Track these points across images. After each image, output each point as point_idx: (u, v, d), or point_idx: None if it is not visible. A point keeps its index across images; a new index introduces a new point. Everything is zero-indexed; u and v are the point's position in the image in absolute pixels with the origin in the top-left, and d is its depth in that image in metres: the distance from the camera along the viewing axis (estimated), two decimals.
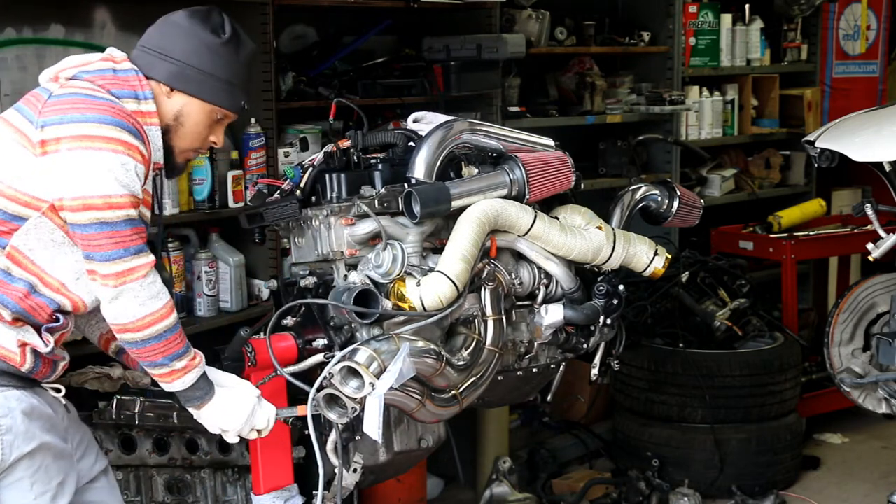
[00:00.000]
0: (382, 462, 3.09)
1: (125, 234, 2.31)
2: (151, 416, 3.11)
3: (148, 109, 2.46)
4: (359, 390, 2.60)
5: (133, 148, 2.34)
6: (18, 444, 2.34)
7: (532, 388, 3.34)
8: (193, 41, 2.48)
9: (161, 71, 2.48)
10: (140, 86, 2.46)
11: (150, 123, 2.46)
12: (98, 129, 2.31)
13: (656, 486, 4.40)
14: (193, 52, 2.48)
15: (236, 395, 2.55)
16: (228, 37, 2.51)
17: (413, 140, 3.00)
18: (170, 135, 2.52)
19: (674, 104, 5.25)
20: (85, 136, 2.31)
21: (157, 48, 2.49)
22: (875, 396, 4.32)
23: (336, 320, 2.77)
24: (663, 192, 3.38)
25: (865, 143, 3.96)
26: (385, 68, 4.35)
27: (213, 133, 2.59)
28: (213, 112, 2.54)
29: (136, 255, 2.31)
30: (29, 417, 2.36)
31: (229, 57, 2.52)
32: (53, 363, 2.44)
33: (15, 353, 2.34)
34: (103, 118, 2.33)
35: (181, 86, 2.49)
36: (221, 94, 2.52)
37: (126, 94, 2.43)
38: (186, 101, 2.51)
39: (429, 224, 2.90)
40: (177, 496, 3.21)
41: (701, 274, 4.97)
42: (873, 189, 5.86)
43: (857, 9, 6.55)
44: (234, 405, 2.54)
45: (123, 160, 2.31)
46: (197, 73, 2.49)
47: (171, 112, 2.51)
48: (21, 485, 2.36)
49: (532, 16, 4.75)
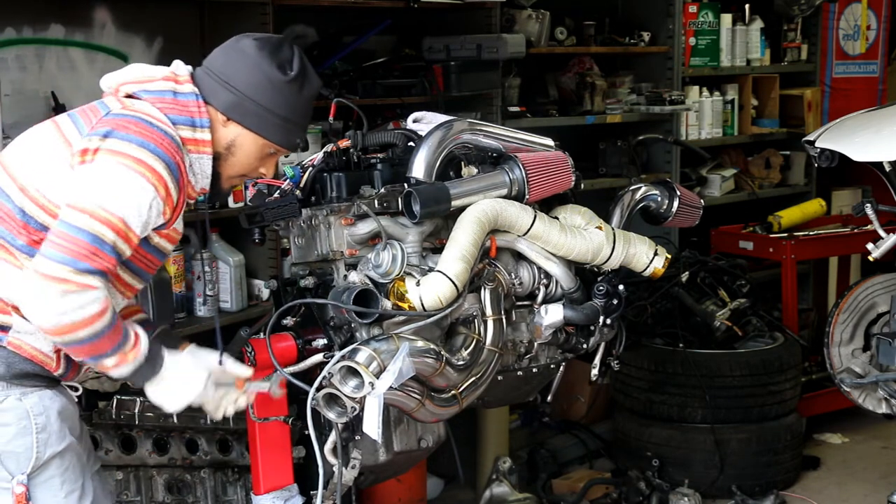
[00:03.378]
0: (382, 462, 3.09)
1: (90, 249, 2.22)
2: (151, 416, 3.11)
3: (203, 138, 2.43)
4: (358, 390, 2.60)
5: (162, 183, 2.29)
6: (52, 442, 2.36)
7: (532, 388, 3.34)
8: (258, 74, 2.44)
9: (221, 99, 2.44)
10: (199, 112, 2.42)
11: (203, 152, 2.44)
12: (140, 152, 2.28)
13: (656, 486, 4.40)
14: (256, 86, 2.44)
15: (184, 372, 2.47)
16: (295, 75, 2.46)
17: (413, 140, 3.00)
18: (219, 161, 2.49)
19: (674, 104, 5.25)
20: (124, 153, 2.27)
21: (221, 74, 2.45)
22: (875, 396, 4.32)
23: (336, 320, 2.77)
24: (663, 193, 3.38)
25: (865, 143, 3.96)
26: (385, 68, 4.35)
27: (264, 165, 2.57)
28: (265, 146, 2.51)
29: (79, 273, 2.21)
30: (61, 417, 2.38)
31: (292, 95, 2.47)
32: (79, 367, 2.44)
33: (52, 357, 2.36)
34: (148, 145, 2.29)
35: (238, 118, 2.45)
36: (277, 131, 2.49)
37: (183, 122, 2.40)
38: (241, 133, 2.47)
39: (428, 224, 2.90)
40: (177, 496, 3.21)
41: (701, 274, 4.97)
42: (873, 189, 5.86)
43: (857, 9, 6.55)
44: (180, 383, 2.46)
45: (150, 192, 2.27)
46: (256, 108, 2.44)
47: (225, 140, 2.48)
48: (52, 483, 2.37)
49: (532, 16, 4.75)
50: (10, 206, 2.34)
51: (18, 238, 2.33)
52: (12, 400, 2.33)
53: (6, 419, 2.32)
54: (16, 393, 2.33)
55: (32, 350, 2.34)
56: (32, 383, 2.35)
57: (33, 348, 2.34)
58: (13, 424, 2.32)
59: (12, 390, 2.33)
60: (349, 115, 3.70)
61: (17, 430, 2.32)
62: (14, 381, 2.33)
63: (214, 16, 3.97)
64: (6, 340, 2.32)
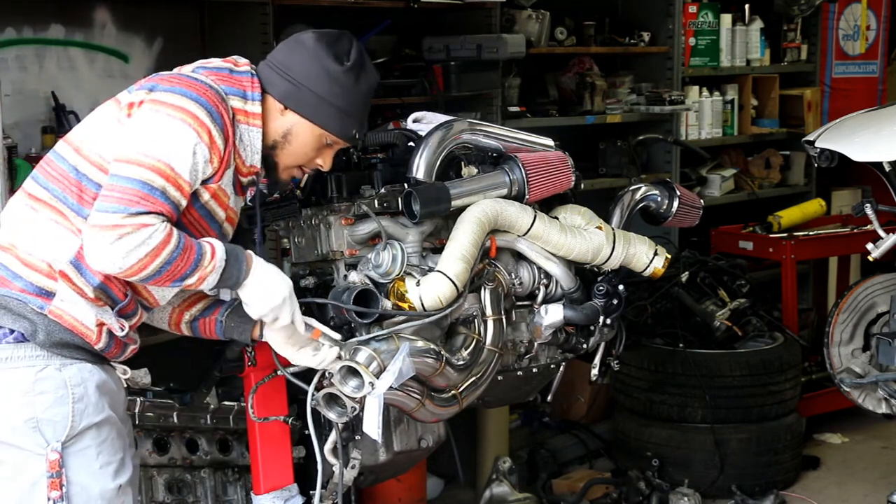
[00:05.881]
0: (382, 462, 3.09)
1: (139, 194, 2.26)
2: (151, 416, 3.11)
3: (253, 111, 2.46)
4: (358, 390, 2.60)
5: (204, 128, 2.33)
6: (89, 412, 2.37)
7: (532, 388, 3.34)
8: (315, 65, 2.48)
9: (278, 88, 2.49)
10: (252, 86, 2.47)
11: (252, 125, 2.47)
12: (181, 100, 2.32)
13: (656, 486, 4.40)
14: (313, 76, 2.48)
15: (271, 276, 2.47)
16: (351, 65, 2.50)
17: (413, 140, 3.00)
18: (276, 150, 2.53)
19: (674, 104, 5.25)
20: (166, 103, 2.32)
21: (280, 64, 2.50)
22: (875, 396, 4.32)
23: (336, 320, 2.77)
24: (663, 193, 3.38)
25: (865, 143, 3.96)
26: (385, 68, 4.35)
27: (321, 156, 2.59)
28: (322, 136, 2.54)
29: (131, 216, 2.24)
30: (100, 390, 2.40)
31: (348, 85, 2.51)
32: (124, 345, 2.46)
33: (92, 331, 2.37)
34: (189, 93, 2.34)
35: (294, 106, 2.49)
36: (333, 121, 2.52)
37: (234, 92, 2.44)
38: (297, 122, 2.51)
39: (429, 224, 2.90)
40: (177, 496, 3.21)
41: (701, 274, 4.97)
42: (873, 189, 5.85)
43: (857, 9, 6.55)
44: (270, 283, 2.46)
45: (192, 136, 2.31)
46: (312, 97, 2.49)
47: (282, 129, 2.51)
48: (88, 453, 2.38)
49: (532, 16, 4.75)
50: (65, 167, 2.39)
51: (71, 196, 2.37)
52: (51, 370, 2.35)
53: (44, 387, 2.34)
54: (55, 363, 2.35)
55: (73, 321, 2.35)
56: (73, 355, 2.37)
57: (74, 319, 2.35)
58: (51, 392, 2.34)
59: (52, 360, 2.35)
60: None
61: (55, 399, 2.34)
62: (54, 349, 2.34)
63: (214, 16, 3.98)
64: (47, 309, 2.34)
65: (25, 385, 2.33)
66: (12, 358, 2.34)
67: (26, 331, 2.33)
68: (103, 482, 2.39)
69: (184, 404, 3.12)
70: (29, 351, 2.34)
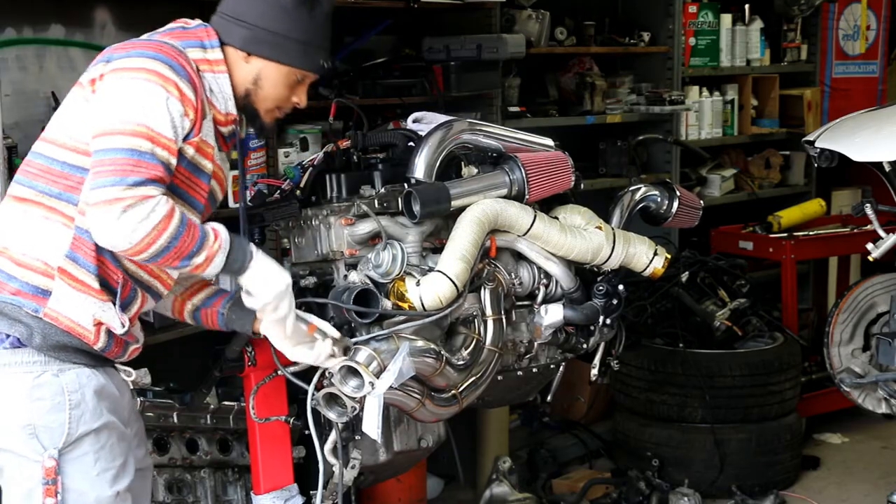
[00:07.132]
0: (382, 462, 3.09)
1: (131, 162, 2.25)
2: (151, 416, 3.11)
3: (215, 58, 2.47)
4: (358, 389, 2.61)
5: (170, 83, 2.32)
6: (86, 419, 2.35)
7: (532, 388, 3.34)
8: (266, 4, 2.49)
9: (236, 36, 2.49)
10: (207, 36, 2.47)
11: (218, 71, 2.47)
12: (139, 62, 2.32)
13: (656, 486, 4.40)
14: (267, 15, 2.48)
15: (272, 265, 2.47)
16: None
17: (413, 140, 3.00)
18: (251, 97, 2.53)
19: (674, 104, 5.25)
20: (126, 68, 2.32)
21: (232, 13, 2.50)
22: (875, 396, 4.32)
23: (336, 320, 2.77)
24: (663, 193, 3.38)
25: (865, 143, 3.96)
26: (385, 68, 4.35)
27: (296, 94, 2.59)
28: (291, 74, 2.54)
29: (130, 187, 2.23)
30: (98, 396, 2.38)
31: (303, 17, 2.50)
32: (125, 344, 2.45)
33: (90, 330, 2.35)
34: (146, 53, 2.34)
35: (257, 50, 2.49)
36: (297, 56, 2.52)
37: (191, 44, 2.45)
38: (264, 65, 2.51)
39: (429, 224, 2.90)
40: (177, 496, 3.21)
41: (701, 274, 4.97)
42: (873, 189, 5.85)
43: (857, 9, 6.55)
44: (273, 271, 2.45)
45: (160, 93, 2.30)
46: (271, 36, 2.48)
47: (250, 76, 2.51)
48: (85, 459, 2.36)
49: (532, 16, 4.75)
50: (45, 161, 2.38)
51: (56, 187, 2.35)
52: (48, 376, 2.33)
53: (41, 394, 2.33)
54: (53, 369, 2.34)
55: (70, 322, 2.33)
56: (71, 359, 2.35)
57: (70, 320, 2.33)
58: (48, 399, 2.33)
59: (50, 365, 2.34)
60: (349, 116, 3.72)
61: (52, 405, 2.32)
62: (51, 353, 2.33)
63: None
64: (42, 312, 2.32)
65: (23, 391, 2.32)
66: (9, 364, 2.33)
67: (22, 335, 2.32)
68: (100, 489, 2.38)
69: (184, 404, 3.11)
70: (26, 356, 2.33)
